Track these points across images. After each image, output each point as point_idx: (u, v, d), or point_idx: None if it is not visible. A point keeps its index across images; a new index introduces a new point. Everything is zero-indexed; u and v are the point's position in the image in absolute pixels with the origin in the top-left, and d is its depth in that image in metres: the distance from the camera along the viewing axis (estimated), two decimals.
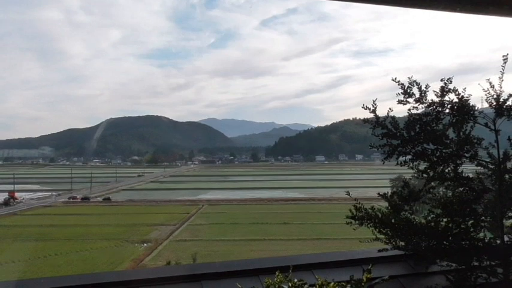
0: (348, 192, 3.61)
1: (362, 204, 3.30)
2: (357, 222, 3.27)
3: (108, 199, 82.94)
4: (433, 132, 3.15)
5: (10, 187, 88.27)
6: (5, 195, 77.81)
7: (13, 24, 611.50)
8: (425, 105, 3.17)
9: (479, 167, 3.20)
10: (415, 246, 3.24)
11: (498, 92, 3.05)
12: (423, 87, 3.15)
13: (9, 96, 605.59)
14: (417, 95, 3.17)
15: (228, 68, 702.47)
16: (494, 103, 3.06)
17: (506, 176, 3.07)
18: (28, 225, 53.45)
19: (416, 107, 3.20)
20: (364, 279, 2.32)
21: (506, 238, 3.05)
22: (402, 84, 3.18)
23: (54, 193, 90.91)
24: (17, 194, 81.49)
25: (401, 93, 3.19)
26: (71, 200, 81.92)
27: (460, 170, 3.19)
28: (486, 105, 3.13)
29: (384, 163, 3.36)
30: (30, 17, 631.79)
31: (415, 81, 3.16)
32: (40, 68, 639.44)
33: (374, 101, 3.19)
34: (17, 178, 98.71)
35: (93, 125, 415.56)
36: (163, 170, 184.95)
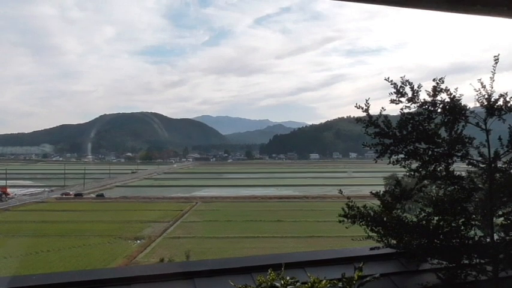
0: (340, 190, 3.62)
1: (354, 202, 3.32)
2: (349, 220, 3.29)
3: (102, 195, 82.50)
4: (425, 131, 3.18)
5: (2, 182, 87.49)
6: None
7: (5, 19, 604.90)
8: (418, 104, 3.20)
9: (470, 166, 3.23)
10: (407, 244, 3.27)
11: (489, 92, 3.08)
12: (415, 87, 3.18)
13: (1, 91, 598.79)
14: (409, 95, 3.20)
15: (222, 66, 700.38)
16: (486, 103, 3.10)
17: (497, 175, 3.11)
18: (20, 221, 53.06)
19: (409, 107, 3.23)
20: (356, 277, 2.34)
21: (495, 236, 3.09)
22: (395, 83, 3.20)
23: (46, 189, 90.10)
24: (9, 190, 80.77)
25: (394, 92, 3.22)
26: (64, 196, 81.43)
27: (451, 169, 3.22)
28: (478, 104, 3.16)
29: (376, 162, 3.39)
30: (23, 12, 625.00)
31: (407, 80, 3.18)
32: (33, 63, 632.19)
33: (367, 100, 3.22)
34: (9, 174, 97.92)
35: (87, 121, 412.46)
36: (157, 167, 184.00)
